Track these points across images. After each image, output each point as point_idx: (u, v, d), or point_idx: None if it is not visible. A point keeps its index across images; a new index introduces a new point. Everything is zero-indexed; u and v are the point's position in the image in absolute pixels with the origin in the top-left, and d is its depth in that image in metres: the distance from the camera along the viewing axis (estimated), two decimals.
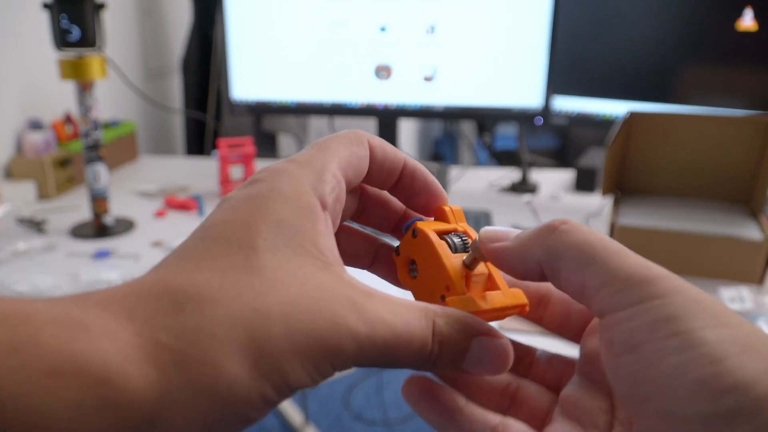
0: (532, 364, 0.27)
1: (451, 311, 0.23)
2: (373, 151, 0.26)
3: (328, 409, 1.87)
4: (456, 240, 0.26)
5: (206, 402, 0.18)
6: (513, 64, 1.15)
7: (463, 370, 0.23)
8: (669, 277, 0.20)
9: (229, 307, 0.19)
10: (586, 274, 0.21)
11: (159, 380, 0.18)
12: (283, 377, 0.19)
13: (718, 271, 0.83)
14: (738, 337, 0.18)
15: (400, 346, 0.21)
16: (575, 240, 0.21)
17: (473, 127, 2.81)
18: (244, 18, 1.17)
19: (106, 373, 0.17)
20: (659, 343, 0.19)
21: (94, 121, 1.02)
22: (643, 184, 0.97)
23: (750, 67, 1.07)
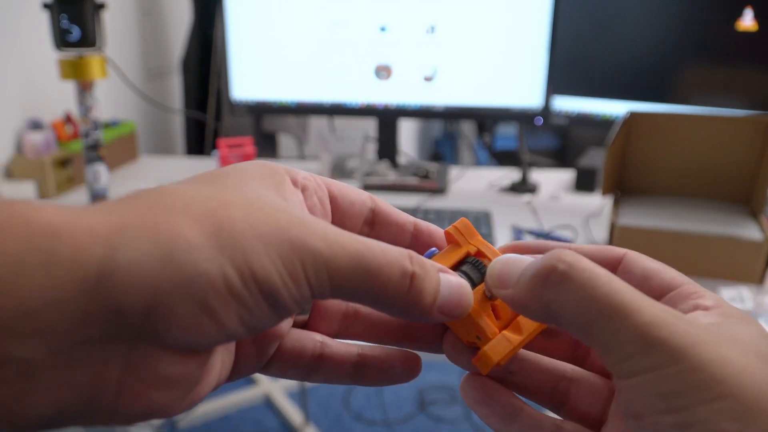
0: (590, 350, 0.26)
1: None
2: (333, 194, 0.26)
3: (328, 409, 1.87)
4: (471, 273, 0.25)
5: (158, 263, 0.18)
6: (513, 64, 1.15)
7: (433, 312, 0.22)
8: (674, 338, 0.18)
9: (191, 194, 0.20)
10: (590, 340, 0.20)
11: (108, 237, 0.18)
12: (245, 259, 0.19)
13: (718, 271, 0.83)
14: (737, 411, 0.17)
15: (376, 264, 0.20)
16: (573, 298, 0.20)
17: (473, 127, 2.81)
18: (244, 18, 1.17)
19: (52, 227, 0.17)
20: (657, 418, 0.18)
21: (94, 121, 1.02)
22: (643, 184, 0.97)
23: (750, 67, 1.07)
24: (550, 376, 0.25)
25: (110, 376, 0.18)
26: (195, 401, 0.21)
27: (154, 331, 0.18)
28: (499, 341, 0.23)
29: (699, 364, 0.18)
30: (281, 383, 1.93)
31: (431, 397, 1.90)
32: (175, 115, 1.88)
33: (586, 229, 1.04)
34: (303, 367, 0.25)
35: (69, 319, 0.17)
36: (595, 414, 0.24)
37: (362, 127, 1.92)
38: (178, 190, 0.20)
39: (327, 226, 0.21)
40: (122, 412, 0.19)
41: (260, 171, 0.23)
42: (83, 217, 0.18)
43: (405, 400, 1.89)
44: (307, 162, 1.62)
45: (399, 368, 0.26)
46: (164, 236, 0.18)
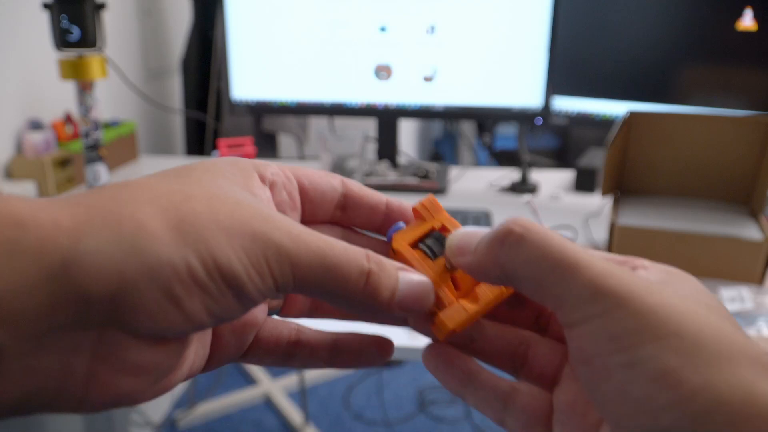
0: (551, 318, 0.27)
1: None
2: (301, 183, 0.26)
3: (328, 409, 1.87)
4: (433, 245, 0.26)
5: (122, 252, 0.18)
6: (513, 64, 1.15)
7: (394, 305, 0.23)
8: (620, 285, 0.19)
9: (155, 187, 0.20)
10: (542, 295, 0.21)
11: (73, 227, 0.18)
12: (208, 249, 0.19)
13: (718, 271, 0.83)
14: (681, 348, 0.18)
15: (336, 261, 0.21)
16: (528, 256, 0.21)
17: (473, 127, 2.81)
18: (244, 18, 1.17)
19: (18, 218, 0.17)
20: (606, 359, 0.19)
21: (94, 121, 1.02)
22: (643, 184, 0.97)
23: (750, 67, 1.07)
24: (509, 343, 0.26)
25: (80, 363, 0.19)
26: (165, 389, 0.22)
27: (122, 318, 0.18)
28: (455, 310, 0.24)
29: (644, 307, 0.19)
30: (281, 383, 1.93)
31: (431, 397, 1.90)
32: (175, 115, 1.88)
33: (586, 229, 1.04)
34: (280, 354, 0.26)
35: (36, 306, 0.17)
36: (549, 375, 0.26)
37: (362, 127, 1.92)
38: (142, 183, 0.20)
39: (291, 223, 0.21)
40: (91, 399, 0.19)
41: (227, 167, 0.23)
42: (48, 208, 0.18)
43: (405, 400, 1.89)
44: (307, 162, 1.62)
45: (372, 352, 0.27)
46: (128, 227, 0.18)
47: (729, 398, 0.17)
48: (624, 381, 0.19)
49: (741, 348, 0.18)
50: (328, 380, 2.00)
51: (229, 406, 1.85)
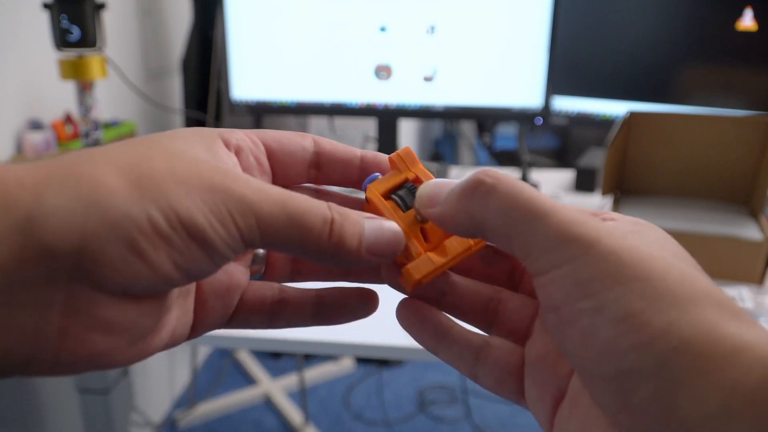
0: (524, 274, 0.28)
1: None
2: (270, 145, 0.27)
3: (328, 409, 1.87)
4: (404, 195, 0.26)
5: (82, 207, 0.18)
6: (513, 64, 1.15)
7: (361, 255, 0.23)
8: (587, 232, 0.20)
9: (114, 150, 0.21)
10: (511, 244, 0.21)
11: (35, 185, 0.18)
12: (168, 202, 0.19)
13: (718, 271, 0.83)
14: (646, 291, 0.18)
15: (299, 210, 0.21)
16: (497, 206, 0.21)
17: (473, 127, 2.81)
18: (244, 18, 1.17)
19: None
20: (573, 305, 0.19)
21: (94, 121, 1.02)
22: (643, 184, 0.97)
23: (750, 67, 1.07)
24: (481, 297, 0.27)
25: (52, 320, 0.19)
26: (145, 353, 0.22)
27: (88, 272, 0.19)
28: (422, 261, 0.25)
29: (609, 252, 0.19)
30: (281, 383, 1.93)
31: (431, 397, 1.90)
32: (175, 115, 1.88)
33: None
34: (266, 314, 0.27)
35: (5, 259, 0.18)
36: (521, 330, 0.26)
37: (362, 127, 1.92)
38: (102, 148, 0.21)
39: (251, 178, 0.22)
40: (65, 358, 0.19)
41: (190, 134, 0.23)
42: (12, 170, 0.19)
43: (405, 400, 1.89)
44: None
45: (356, 303, 0.27)
46: (87, 183, 0.19)
47: (692, 339, 0.17)
48: (590, 325, 0.19)
49: (705, 291, 0.18)
50: (328, 380, 2.00)
51: (229, 406, 1.85)
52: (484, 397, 1.88)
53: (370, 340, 0.74)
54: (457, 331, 0.26)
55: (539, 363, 0.24)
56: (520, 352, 0.25)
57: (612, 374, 0.18)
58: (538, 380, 0.24)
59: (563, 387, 0.23)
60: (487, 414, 1.82)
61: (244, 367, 2.04)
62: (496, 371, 0.25)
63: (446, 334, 0.26)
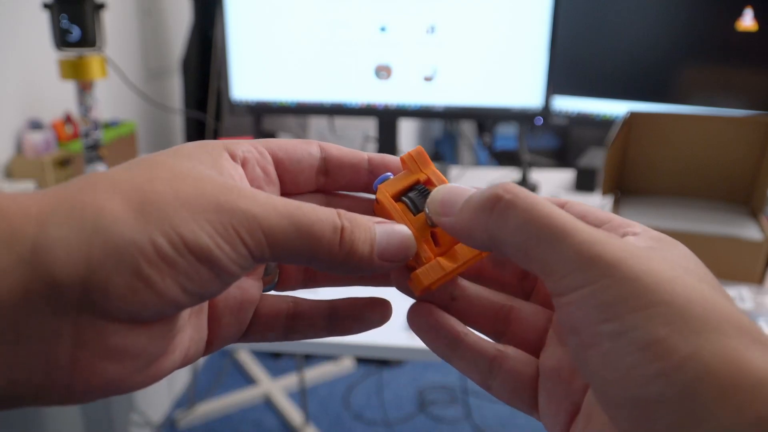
0: (537, 280, 0.27)
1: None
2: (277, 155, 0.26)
3: (328, 409, 1.87)
4: (415, 198, 0.26)
5: (86, 236, 0.18)
6: (513, 64, 1.15)
7: (374, 261, 0.23)
8: (609, 252, 0.19)
9: (117, 175, 0.20)
10: (530, 262, 0.21)
11: (39, 216, 0.18)
12: (172, 226, 0.19)
13: (718, 271, 0.83)
14: (669, 316, 0.18)
15: (307, 220, 0.21)
16: (516, 223, 0.20)
17: (473, 127, 2.81)
18: (244, 18, 1.17)
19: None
20: (594, 328, 0.19)
21: (94, 121, 1.02)
22: (643, 184, 0.97)
23: (750, 67, 1.07)
24: (492, 304, 0.26)
25: (62, 350, 0.19)
26: (157, 376, 0.21)
27: (95, 302, 0.18)
28: (432, 266, 0.24)
29: (632, 275, 0.18)
30: (281, 383, 1.93)
31: (431, 397, 1.90)
32: (175, 115, 1.88)
33: None
34: (280, 329, 0.26)
35: (11, 292, 0.18)
36: (533, 341, 0.25)
37: (362, 127, 1.92)
38: (106, 173, 0.21)
39: (257, 191, 0.21)
40: (78, 388, 0.19)
41: (194, 150, 0.23)
42: (17, 200, 0.19)
43: (405, 400, 1.89)
44: None
45: (369, 313, 0.27)
46: (90, 211, 0.19)
47: (717, 368, 0.17)
48: (612, 350, 0.18)
49: (729, 318, 0.18)
50: (328, 380, 2.00)
51: (229, 406, 1.85)
52: (484, 397, 1.88)
53: (370, 340, 0.74)
54: (471, 338, 0.25)
55: (554, 376, 0.23)
56: (534, 364, 0.25)
57: (634, 400, 0.18)
58: (553, 394, 0.23)
59: (578, 402, 0.23)
60: (487, 414, 1.82)
61: (244, 367, 2.04)
62: (510, 382, 0.25)
63: (460, 341, 0.25)
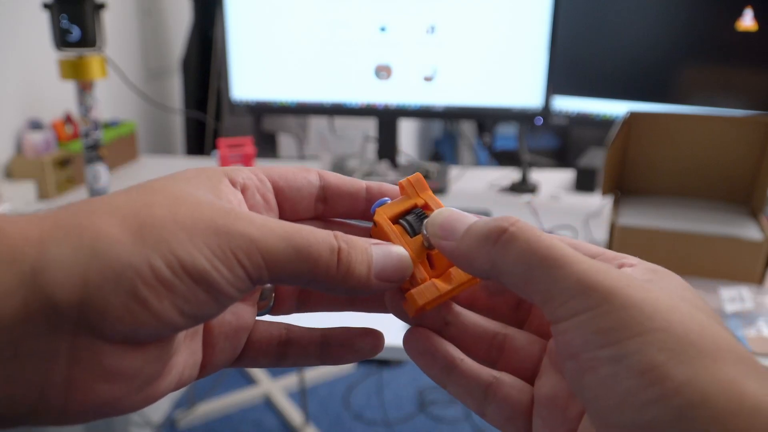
0: (531, 310, 0.27)
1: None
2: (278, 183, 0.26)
3: (328, 409, 1.87)
4: (413, 221, 0.26)
5: (85, 258, 0.18)
6: (513, 64, 1.15)
7: (371, 282, 0.23)
8: (608, 281, 0.20)
9: (116, 199, 0.21)
10: (530, 291, 0.21)
11: (39, 238, 0.19)
12: (170, 249, 0.19)
13: (718, 271, 0.83)
14: (667, 343, 0.18)
15: (305, 242, 0.21)
16: (518, 253, 0.21)
17: (473, 127, 2.81)
18: (244, 18, 1.17)
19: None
20: (593, 353, 0.19)
21: (94, 121, 1.02)
22: (643, 184, 0.97)
23: (750, 67, 1.07)
24: (486, 331, 0.26)
25: (58, 370, 0.19)
26: (152, 398, 0.22)
27: (92, 323, 0.19)
28: (427, 287, 0.25)
29: (631, 302, 0.19)
30: (281, 383, 1.93)
31: (431, 397, 1.90)
32: (175, 115, 1.88)
33: (586, 229, 1.04)
34: (273, 354, 0.27)
35: (11, 312, 0.18)
36: (527, 369, 0.26)
37: (362, 127, 1.92)
38: (104, 197, 0.21)
39: (253, 214, 0.22)
40: (72, 408, 0.19)
41: (194, 175, 0.23)
42: (17, 223, 0.19)
43: (405, 400, 1.89)
44: (307, 162, 1.62)
45: (361, 343, 0.27)
46: (88, 235, 0.19)
47: (714, 394, 0.17)
48: (610, 375, 0.19)
49: (726, 345, 0.18)
50: (328, 380, 2.00)
51: (229, 406, 1.85)
52: None
53: None
54: (466, 365, 0.25)
55: (549, 404, 0.24)
56: (529, 391, 0.25)
57: (630, 424, 0.18)
58: (548, 421, 0.23)
59: (573, 429, 0.23)
60: None
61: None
62: (505, 409, 0.25)
63: (455, 366, 0.25)
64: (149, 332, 0.19)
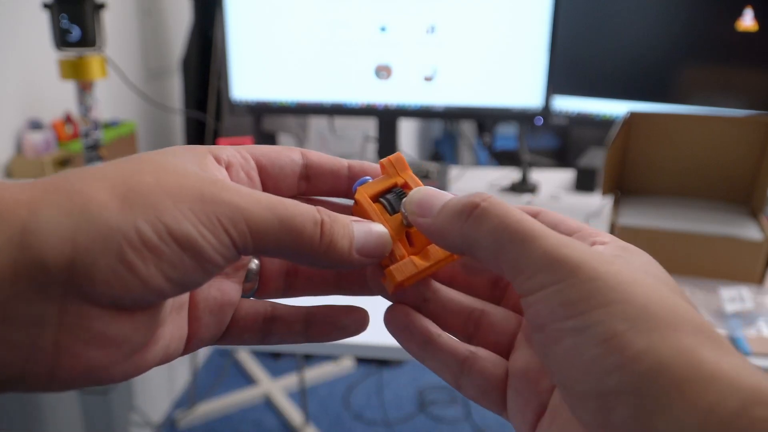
0: (508, 287, 0.28)
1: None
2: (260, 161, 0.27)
3: (328, 409, 1.87)
4: (392, 199, 0.27)
5: (74, 221, 0.19)
6: (513, 64, 1.15)
7: (353, 256, 0.24)
8: (573, 255, 0.20)
9: (104, 167, 0.21)
10: (500, 264, 0.22)
11: (29, 203, 0.19)
12: (156, 214, 0.20)
13: (718, 271, 0.83)
14: (628, 313, 0.19)
15: (289, 213, 0.22)
16: (490, 227, 0.22)
17: (473, 127, 2.81)
18: (244, 18, 1.17)
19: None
20: (558, 325, 0.20)
21: (94, 121, 1.02)
22: (643, 184, 0.97)
23: (750, 67, 1.07)
24: (463, 307, 0.27)
25: (46, 334, 0.19)
26: (140, 367, 0.22)
27: (80, 286, 0.19)
28: (405, 264, 0.25)
29: (594, 275, 0.20)
30: (281, 383, 1.93)
31: (431, 397, 1.90)
32: (175, 115, 1.88)
33: None
34: (258, 332, 0.27)
35: (1, 273, 0.18)
36: (503, 344, 0.26)
37: (362, 127, 1.92)
38: (95, 167, 0.22)
39: (239, 186, 0.22)
40: (60, 373, 0.20)
41: (181, 150, 0.24)
42: (9, 188, 0.19)
43: (405, 400, 1.89)
44: None
45: (345, 319, 0.28)
46: (78, 199, 0.19)
47: (672, 362, 0.17)
48: (573, 345, 0.19)
49: (685, 317, 0.19)
50: (328, 380, 2.00)
51: (229, 406, 1.85)
52: None
53: (370, 340, 0.74)
54: (443, 339, 0.26)
55: (522, 378, 0.24)
56: (504, 366, 0.26)
57: (593, 393, 0.19)
58: (521, 394, 0.24)
59: (544, 402, 0.23)
60: (487, 414, 1.82)
61: (244, 367, 2.04)
62: (480, 382, 0.25)
63: (432, 341, 0.26)
64: (136, 297, 0.20)
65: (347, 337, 0.28)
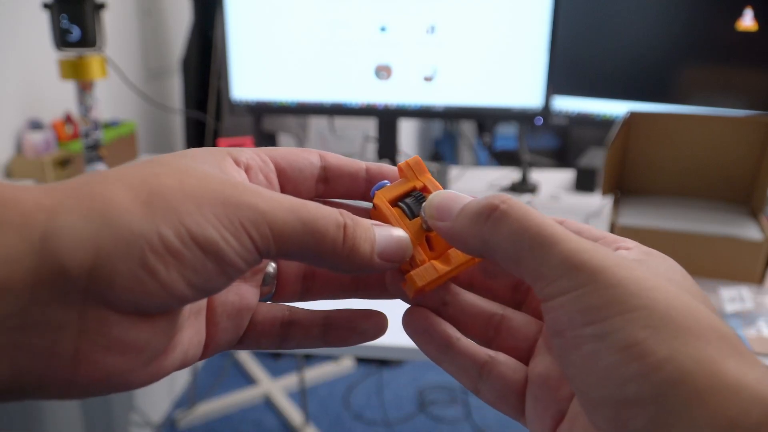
0: (529, 292, 0.28)
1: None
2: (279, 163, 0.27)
3: (328, 409, 1.87)
4: (412, 203, 0.26)
5: (95, 226, 0.18)
6: (513, 64, 1.15)
7: (374, 260, 0.23)
8: (595, 260, 0.20)
9: (124, 169, 0.21)
10: (520, 268, 0.21)
11: (51, 205, 0.19)
12: (179, 218, 0.19)
13: (718, 271, 0.83)
14: (649, 320, 0.18)
15: (312, 216, 0.21)
16: (509, 231, 0.21)
17: (473, 127, 2.81)
18: (244, 18, 1.17)
19: (1, 197, 0.18)
20: (577, 331, 0.19)
21: (94, 121, 1.02)
22: (643, 184, 0.97)
23: (750, 67, 1.07)
24: (483, 312, 0.27)
25: (66, 341, 0.19)
26: (159, 373, 0.22)
27: (101, 291, 0.19)
28: (426, 268, 0.25)
29: (615, 281, 0.19)
30: (281, 383, 1.93)
31: (431, 397, 1.90)
32: (175, 115, 1.88)
33: None
34: (275, 336, 0.27)
35: (21, 278, 0.18)
36: (523, 349, 0.26)
37: (362, 127, 1.92)
38: (114, 169, 0.21)
39: (261, 188, 0.22)
40: (80, 380, 0.19)
41: (200, 152, 0.23)
42: (29, 191, 0.19)
43: (405, 400, 1.89)
44: None
45: (364, 324, 0.27)
46: (99, 202, 0.19)
47: (693, 371, 0.17)
48: (592, 351, 0.19)
49: (709, 325, 0.19)
50: (328, 380, 2.00)
51: (229, 406, 1.85)
52: None
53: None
54: (462, 343, 0.26)
55: (542, 384, 0.24)
56: (523, 371, 0.25)
57: (611, 400, 0.18)
58: (540, 401, 0.24)
59: (563, 409, 0.23)
60: (487, 414, 1.82)
61: (244, 367, 2.04)
62: (499, 387, 0.25)
63: (451, 345, 0.26)
64: (157, 303, 0.19)
65: (366, 341, 0.28)
